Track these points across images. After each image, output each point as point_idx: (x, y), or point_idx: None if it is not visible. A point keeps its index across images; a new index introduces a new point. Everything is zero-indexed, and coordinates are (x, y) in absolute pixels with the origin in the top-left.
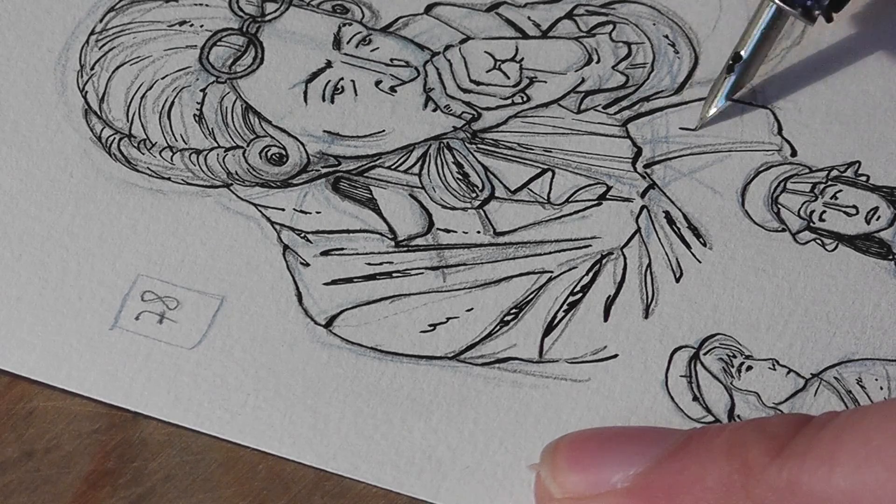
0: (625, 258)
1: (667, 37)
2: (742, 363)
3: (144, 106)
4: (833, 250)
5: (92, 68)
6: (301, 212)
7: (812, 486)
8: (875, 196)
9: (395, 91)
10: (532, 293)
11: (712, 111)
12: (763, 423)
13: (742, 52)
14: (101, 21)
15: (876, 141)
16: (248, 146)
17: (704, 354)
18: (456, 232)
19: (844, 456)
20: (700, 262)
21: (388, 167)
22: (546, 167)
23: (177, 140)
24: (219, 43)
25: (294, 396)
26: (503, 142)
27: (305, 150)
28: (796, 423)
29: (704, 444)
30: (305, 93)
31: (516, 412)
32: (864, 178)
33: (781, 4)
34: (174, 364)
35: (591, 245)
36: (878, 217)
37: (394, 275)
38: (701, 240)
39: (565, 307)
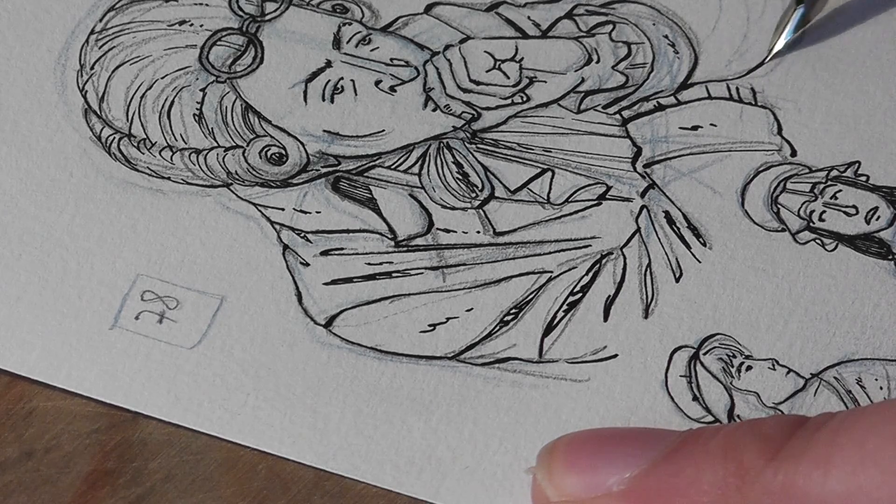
0: (624, 258)
1: (667, 37)
2: (742, 363)
3: (144, 105)
4: (833, 250)
5: (92, 68)
6: (301, 211)
7: (807, 489)
8: (875, 196)
9: (395, 91)
10: (532, 293)
11: (780, 44)
12: (758, 425)
13: None
14: (100, 20)
15: (876, 141)
16: (247, 146)
17: (704, 354)
18: (456, 232)
19: (840, 459)
20: (700, 262)
21: (388, 167)
22: (546, 167)
23: (176, 140)
24: (219, 42)
25: (294, 396)
26: (503, 142)
27: (305, 149)
28: (791, 425)
29: (699, 446)
30: (305, 92)
31: (516, 412)
32: (863, 178)
33: None
34: (174, 364)
35: (590, 245)
36: (878, 217)
37: (394, 275)
38: (701, 240)
39: (565, 307)
